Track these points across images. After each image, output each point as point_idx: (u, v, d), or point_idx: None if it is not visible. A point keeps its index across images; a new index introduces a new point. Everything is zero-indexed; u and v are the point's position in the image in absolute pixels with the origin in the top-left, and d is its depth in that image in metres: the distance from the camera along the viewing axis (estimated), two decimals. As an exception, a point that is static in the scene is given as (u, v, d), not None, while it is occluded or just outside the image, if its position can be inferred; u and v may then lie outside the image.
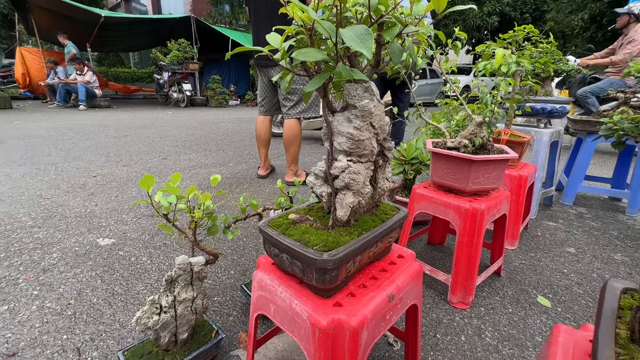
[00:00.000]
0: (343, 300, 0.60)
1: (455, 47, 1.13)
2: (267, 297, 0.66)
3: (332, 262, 0.54)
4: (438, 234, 1.61)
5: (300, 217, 0.67)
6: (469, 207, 1.08)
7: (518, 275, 1.37)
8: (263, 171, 2.60)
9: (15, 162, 2.76)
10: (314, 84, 0.51)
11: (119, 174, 2.54)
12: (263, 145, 2.47)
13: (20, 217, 1.73)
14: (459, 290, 1.15)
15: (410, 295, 0.71)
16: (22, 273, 1.26)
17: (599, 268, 1.44)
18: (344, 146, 0.58)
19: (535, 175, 1.76)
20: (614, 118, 1.61)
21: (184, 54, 8.45)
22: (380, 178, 0.69)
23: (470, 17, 11.07)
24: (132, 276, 1.27)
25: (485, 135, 1.15)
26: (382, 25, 0.56)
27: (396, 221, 0.70)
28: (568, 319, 1.11)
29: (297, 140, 2.31)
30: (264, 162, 2.57)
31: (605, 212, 2.11)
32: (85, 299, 1.12)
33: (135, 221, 1.74)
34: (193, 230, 0.84)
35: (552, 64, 1.64)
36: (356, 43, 0.41)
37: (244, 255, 1.45)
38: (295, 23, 0.56)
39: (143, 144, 3.70)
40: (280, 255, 0.63)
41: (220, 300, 1.15)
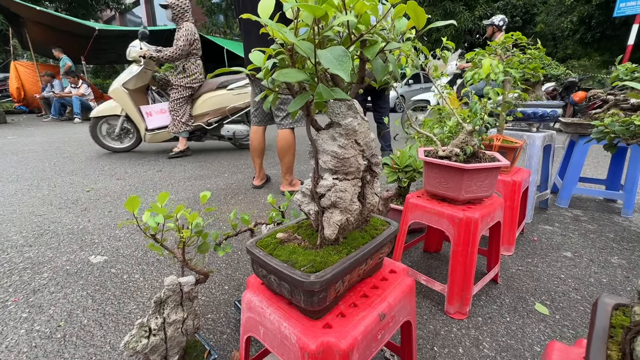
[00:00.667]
0: (333, 321, 0.59)
1: (444, 57, 1.14)
2: (256, 319, 0.65)
3: (320, 283, 0.53)
4: (434, 242, 1.60)
5: (289, 235, 0.66)
6: (463, 216, 1.07)
7: (515, 282, 1.36)
8: (258, 181, 2.58)
9: (7, 179, 2.74)
10: (296, 104, 0.51)
11: (113, 188, 2.52)
12: (257, 156, 2.47)
13: (11, 236, 1.70)
14: (456, 300, 1.13)
15: (403, 312, 0.70)
16: (11, 295, 1.23)
17: (596, 272, 1.43)
18: (329, 164, 0.57)
19: (530, 180, 1.76)
20: (605, 121, 1.61)
21: (179, 65, 8.46)
22: (369, 193, 0.68)
23: (462, 21, 11.20)
24: (124, 295, 1.24)
25: (476, 143, 1.15)
26: (365, 42, 0.56)
27: (386, 237, 0.69)
28: (566, 327, 1.10)
29: (291, 150, 2.30)
30: (258, 172, 2.56)
31: (600, 214, 2.11)
32: (75, 321, 1.10)
33: (129, 237, 1.72)
34: (182, 250, 0.82)
35: (542, 69, 1.66)
36: (334, 65, 0.40)
37: (239, 269, 1.43)
38: (277, 42, 0.56)
39: (138, 156, 3.69)
40: (268, 277, 0.61)
41: (214, 318, 1.13)
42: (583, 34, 10.79)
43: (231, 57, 9.43)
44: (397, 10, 0.51)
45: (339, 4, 0.50)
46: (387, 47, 0.55)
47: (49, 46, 7.75)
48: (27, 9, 7.11)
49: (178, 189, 2.52)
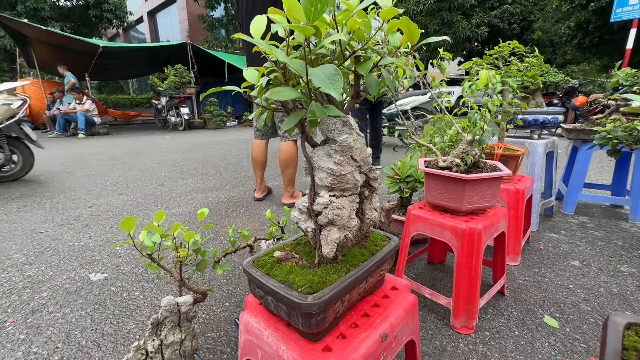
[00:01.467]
0: (333, 344, 0.57)
1: (440, 67, 1.14)
2: (254, 341, 0.63)
3: (317, 305, 0.51)
4: (438, 253, 1.57)
5: (286, 254, 0.65)
6: (466, 228, 1.05)
7: (523, 294, 1.32)
8: (259, 194, 2.58)
9: (10, 196, 2.75)
10: (290, 122, 0.50)
11: (115, 203, 2.52)
12: (259, 168, 2.48)
13: (12, 254, 1.70)
14: (462, 314, 1.10)
15: (406, 331, 0.68)
16: (9, 315, 1.22)
17: (605, 282, 1.40)
18: (326, 182, 0.56)
19: (533, 187, 1.74)
20: (607, 126, 1.60)
21: (181, 79, 8.62)
22: (368, 209, 0.67)
23: (460, 29, 11.33)
24: (124, 314, 1.22)
25: (477, 153, 1.13)
26: (359, 57, 0.55)
27: (387, 253, 0.67)
28: (578, 341, 1.06)
29: (293, 162, 2.30)
30: (260, 185, 2.56)
31: (607, 221, 2.07)
32: (73, 342, 1.08)
33: (129, 253, 1.71)
34: (179, 269, 0.81)
35: (540, 76, 1.65)
36: (325, 84, 0.40)
37: (239, 285, 1.41)
38: (270, 60, 0.56)
39: (140, 171, 3.71)
40: (265, 297, 0.60)
41: (214, 336, 1.11)
42: (581, 39, 10.87)
43: (232, 70, 9.58)
44: (390, 25, 0.51)
45: (331, 21, 0.50)
46: (381, 63, 0.54)
47: (55, 64, 7.93)
48: (34, 29, 7.30)
49: (179, 203, 2.52)
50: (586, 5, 9.91)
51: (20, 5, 10.40)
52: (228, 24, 13.19)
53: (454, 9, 11.20)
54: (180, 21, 18.49)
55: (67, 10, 12.39)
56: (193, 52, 9.18)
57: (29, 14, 10.61)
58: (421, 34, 0.52)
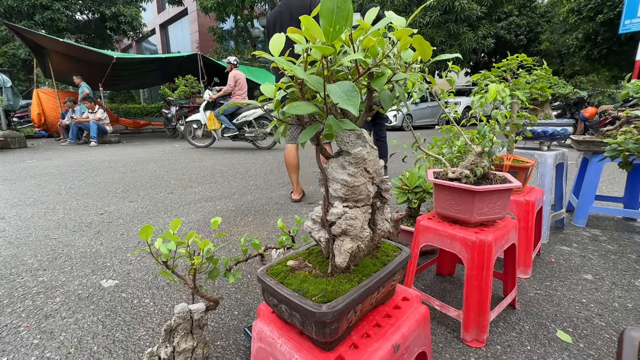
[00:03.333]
0: (345, 353, 0.57)
1: (450, 81, 1.16)
2: (267, 349, 0.64)
3: (332, 314, 0.52)
4: (447, 264, 1.56)
5: (299, 263, 0.66)
6: (476, 239, 1.05)
7: (534, 308, 1.30)
8: (297, 195, 2.74)
9: (25, 202, 2.82)
10: (306, 135, 0.52)
11: (126, 211, 2.57)
12: (294, 171, 2.64)
13: (26, 260, 1.73)
14: (472, 327, 1.09)
15: (418, 342, 0.68)
16: (24, 320, 1.24)
17: (619, 297, 1.37)
18: (340, 192, 0.58)
19: (543, 199, 1.73)
20: (618, 138, 1.59)
21: (191, 89, 8.80)
22: (379, 219, 0.68)
23: (466, 41, 11.42)
24: (134, 320, 1.24)
25: (486, 164, 1.14)
26: (372, 73, 0.57)
27: (398, 263, 0.68)
28: (592, 357, 1.04)
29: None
30: (296, 187, 2.72)
31: (620, 234, 2.04)
32: (85, 347, 1.10)
33: (139, 260, 1.73)
34: (193, 277, 0.83)
35: (549, 88, 1.66)
36: (343, 100, 0.42)
37: (248, 294, 1.42)
38: (287, 75, 0.58)
39: (150, 179, 3.77)
40: (279, 306, 0.61)
41: (223, 345, 1.11)
42: (589, 50, 10.85)
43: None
44: (403, 43, 0.53)
45: (347, 39, 0.52)
46: (394, 78, 0.56)
47: (70, 74, 8.18)
48: (51, 41, 7.57)
49: (189, 211, 2.55)
50: (594, 17, 9.93)
51: (38, 15, 10.81)
52: (237, 35, 13.49)
53: (460, 21, 11.31)
54: (191, 33, 18.98)
55: (83, 23, 12.83)
56: (203, 63, 9.39)
57: (46, 24, 11.01)
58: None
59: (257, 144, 6.44)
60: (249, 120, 6.18)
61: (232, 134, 6.23)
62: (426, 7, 10.77)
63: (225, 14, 12.03)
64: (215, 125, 6.27)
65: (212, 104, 6.40)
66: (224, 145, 7.22)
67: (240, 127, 6.22)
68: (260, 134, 6.30)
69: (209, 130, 6.41)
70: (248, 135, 6.24)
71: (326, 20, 0.44)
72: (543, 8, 14.22)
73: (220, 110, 5.92)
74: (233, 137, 6.28)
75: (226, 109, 6.07)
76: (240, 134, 6.22)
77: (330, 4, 0.43)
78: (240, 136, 6.25)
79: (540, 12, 13.82)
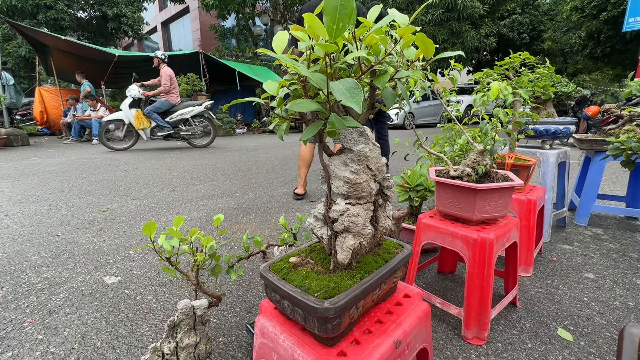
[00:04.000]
0: (347, 349, 0.58)
1: (452, 79, 1.16)
2: (269, 345, 0.64)
3: (334, 310, 0.53)
4: (448, 263, 1.57)
5: (302, 260, 0.66)
6: (477, 237, 1.06)
7: (535, 306, 1.31)
8: (302, 190, 2.79)
9: (28, 199, 2.83)
10: (308, 132, 0.52)
11: (128, 208, 2.58)
12: (306, 166, 2.73)
13: (30, 257, 1.75)
14: (473, 324, 1.10)
15: (419, 338, 0.68)
16: (28, 316, 1.25)
17: (621, 295, 1.37)
18: (342, 190, 0.58)
19: (545, 198, 1.72)
20: (621, 137, 1.59)
21: (193, 87, 8.81)
22: (382, 217, 0.68)
23: (468, 39, 11.36)
24: (137, 316, 1.25)
25: (488, 162, 1.14)
26: (374, 72, 0.58)
27: (400, 260, 0.68)
28: (593, 355, 1.04)
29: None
30: (303, 182, 2.77)
31: (622, 233, 2.04)
32: (89, 343, 1.11)
33: (142, 257, 1.74)
34: (196, 273, 0.83)
35: (551, 86, 1.65)
36: (346, 97, 0.42)
37: (250, 290, 1.43)
38: (290, 73, 0.58)
39: (152, 176, 3.78)
40: (281, 302, 0.61)
41: (225, 341, 1.12)
42: (592, 48, 10.78)
43: (242, 78, 9.75)
44: (406, 40, 0.53)
45: (350, 37, 0.52)
46: (397, 76, 0.56)
47: (72, 72, 8.20)
48: (53, 39, 7.58)
49: (190, 209, 2.56)
50: (597, 15, 9.86)
51: (42, 15, 10.83)
52: (239, 33, 13.48)
53: (462, 19, 11.26)
54: (192, 31, 18.97)
55: (85, 21, 12.84)
56: (205, 61, 9.39)
57: (49, 23, 11.04)
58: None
59: (193, 143, 6.32)
60: (185, 118, 6.03)
61: (165, 133, 5.99)
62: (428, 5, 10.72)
63: (227, 11, 12.01)
64: (143, 124, 5.84)
65: (137, 101, 5.88)
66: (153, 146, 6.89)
67: (175, 126, 6.05)
68: (197, 132, 6.19)
69: (137, 130, 5.89)
70: (184, 134, 6.09)
71: (330, 17, 0.44)
72: (546, 6, 14.14)
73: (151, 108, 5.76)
74: (166, 137, 6.05)
75: (159, 107, 5.83)
76: (175, 132, 6.03)
77: (334, 2, 0.43)
78: (175, 135, 6.06)
79: (543, 10, 13.74)
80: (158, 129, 5.98)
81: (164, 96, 5.88)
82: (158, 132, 6.00)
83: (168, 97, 5.89)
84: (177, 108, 6.01)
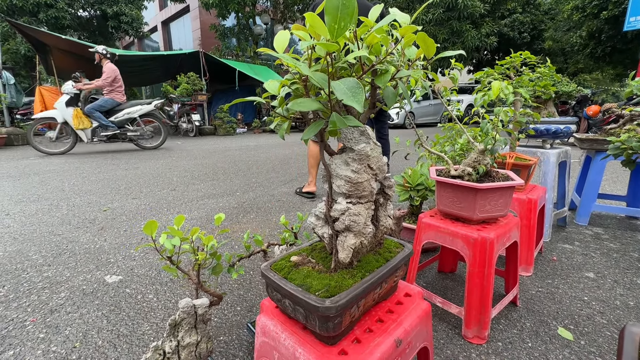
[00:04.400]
0: (348, 348, 0.58)
1: (453, 78, 1.16)
2: (270, 344, 0.64)
3: (335, 309, 0.53)
4: (449, 262, 1.57)
5: (303, 259, 0.66)
6: (478, 237, 1.06)
7: (536, 305, 1.31)
8: (313, 187, 2.83)
9: (29, 199, 2.84)
10: (310, 131, 0.52)
11: (129, 207, 2.58)
12: (317, 164, 2.79)
13: (31, 256, 1.75)
14: (474, 323, 1.10)
15: (420, 337, 0.68)
16: (29, 315, 1.26)
17: (621, 294, 1.37)
18: (343, 189, 0.58)
19: (546, 197, 1.72)
20: (622, 137, 1.59)
21: (193, 87, 8.81)
22: (382, 216, 0.68)
23: (469, 39, 11.34)
24: (138, 315, 1.25)
25: (488, 162, 1.14)
26: (376, 70, 0.58)
27: (401, 259, 0.68)
28: (593, 354, 1.04)
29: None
30: (314, 180, 2.84)
31: (623, 232, 2.04)
32: (90, 342, 1.11)
33: (143, 256, 1.74)
34: (197, 272, 0.83)
35: (552, 86, 1.65)
36: (347, 97, 0.42)
37: (251, 290, 1.43)
38: (291, 72, 0.58)
39: (152, 176, 3.78)
40: (282, 300, 0.61)
41: (226, 340, 1.12)
42: (593, 48, 10.77)
43: (242, 78, 9.75)
44: (407, 40, 0.53)
45: (351, 36, 0.52)
46: (398, 75, 0.57)
47: (72, 71, 8.17)
48: (53, 38, 7.58)
49: (191, 208, 2.56)
50: (598, 14, 9.85)
51: (42, 13, 10.83)
52: (239, 33, 13.48)
53: (463, 18, 11.24)
54: (192, 30, 18.96)
55: (85, 20, 12.84)
56: (205, 60, 9.39)
57: (49, 22, 11.04)
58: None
59: (141, 145, 5.92)
60: (132, 118, 5.60)
61: (110, 133, 5.49)
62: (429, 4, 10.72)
63: (227, 10, 12.00)
64: (84, 124, 5.28)
65: (76, 99, 5.35)
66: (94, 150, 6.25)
67: (121, 126, 5.62)
68: (147, 132, 5.78)
69: (76, 130, 5.32)
70: (131, 135, 5.67)
71: (331, 17, 0.44)
72: (547, 5, 14.11)
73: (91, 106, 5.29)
74: (110, 138, 5.54)
75: (102, 105, 5.38)
76: (121, 133, 5.58)
77: (336, 1, 0.43)
78: (121, 136, 5.61)
79: (544, 10, 13.72)
80: (101, 129, 5.46)
81: (108, 94, 5.45)
82: (101, 133, 5.48)
83: (112, 95, 5.46)
84: (123, 107, 5.60)
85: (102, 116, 5.38)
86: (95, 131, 5.46)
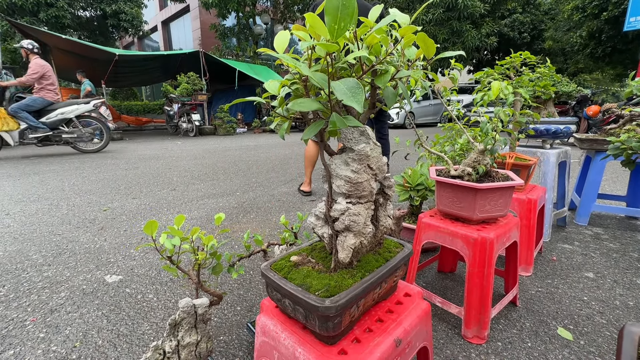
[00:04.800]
0: (348, 347, 0.58)
1: (453, 79, 1.16)
2: (270, 343, 0.64)
3: (335, 308, 0.53)
4: (448, 262, 1.57)
5: (303, 258, 0.67)
6: (478, 237, 1.06)
7: (535, 305, 1.31)
8: (308, 187, 2.88)
9: (29, 199, 2.84)
10: (310, 132, 0.52)
11: (129, 207, 2.58)
12: (312, 164, 2.83)
13: (31, 255, 1.75)
14: (473, 323, 1.10)
15: (419, 337, 0.69)
16: (29, 314, 1.26)
17: (621, 294, 1.37)
18: (343, 189, 0.58)
19: (545, 197, 1.73)
20: (621, 137, 1.59)
21: (193, 86, 8.81)
22: (382, 216, 0.69)
23: (469, 39, 11.34)
24: (138, 315, 1.25)
25: (488, 162, 1.14)
26: (376, 71, 0.58)
27: (400, 259, 0.69)
28: (592, 354, 1.04)
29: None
30: (309, 180, 2.88)
31: (622, 232, 2.04)
32: (90, 341, 1.11)
33: (143, 256, 1.74)
34: (197, 272, 0.84)
35: (552, 86, 1.65)
36: (347, 97, 0.42)
37: (251, 289, 1.43)
38: (291, 72, 0.58)
39: (152, 176, 3.79)
40: (282, 300, 0.62)
41: (226, 340, 1.12)
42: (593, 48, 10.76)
43: (242, 78, 9.75)
44: (407, 40, 0.53)
45: (351, 36, 0.52)
46: (398, 75, 0.57)
47: (72, 71, 8.20)
48: (54, 38, 7.58)
49: (191, 208, 2.56)
50: (598, 15, 9.84)
51: (43, 13, 10.82)
52: (239, 32, 13.48)
53: (463, 18, 11.24)
54: (192, 30, 18.95)
55: (85, 19, 12.84)
56: (205, 60, 9.39)
57: (50, 21, 11.03)
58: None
59: (79, 147, 5.38)
60: (68, 118, 5.05)
61: (40, 135, 4.93)
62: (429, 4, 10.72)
63: (227, 10, 12.00)
64: (8, 125, 4.70)
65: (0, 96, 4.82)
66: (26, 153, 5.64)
67: (54, 127, 5.07)
68: (86, 134, 5.23)
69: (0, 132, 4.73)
70: (67, 137, 5.13)
71: (331, 17, 0.44)
72: (547, 5, 14.11)
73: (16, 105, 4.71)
74: (42, 140, 5.00)
75: (29, 104, 4.80)
76: (54, 135, 5.05)
77: (336, 2, 0.43)
78: (54, 138, 5.07)
79: (544, 10, 13.72)
80: (30, 130, 4.91)
81: (37, 92, 4.88)
82: (30, 135, 4.91)
83: (42, 94, 4.90)
84: (56, 106, 5.03)
85: (30, 116, 4.81)
86: (24, 133, 4.91)
